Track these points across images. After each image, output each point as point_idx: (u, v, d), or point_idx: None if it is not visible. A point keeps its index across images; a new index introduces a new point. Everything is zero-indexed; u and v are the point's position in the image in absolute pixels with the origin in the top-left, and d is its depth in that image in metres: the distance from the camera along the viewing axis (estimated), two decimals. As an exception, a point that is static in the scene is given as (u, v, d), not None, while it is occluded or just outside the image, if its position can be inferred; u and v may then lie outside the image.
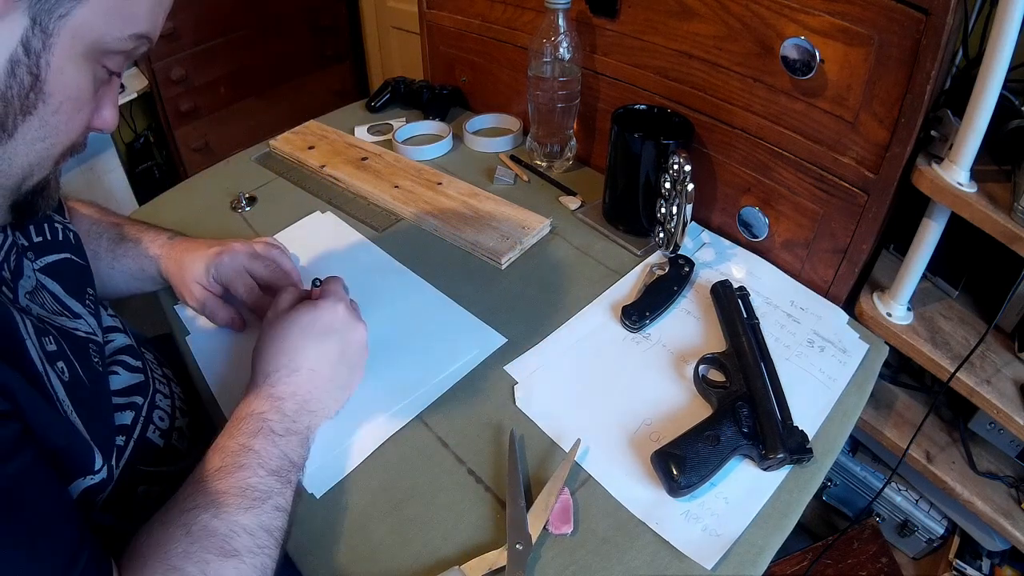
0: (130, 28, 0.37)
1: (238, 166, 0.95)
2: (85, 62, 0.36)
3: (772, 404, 0.54)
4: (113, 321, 0.56)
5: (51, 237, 0.51)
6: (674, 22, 0.71)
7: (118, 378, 0.51)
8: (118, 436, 0.48)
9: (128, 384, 0.52)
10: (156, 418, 0.53)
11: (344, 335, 0.53)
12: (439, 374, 0.60)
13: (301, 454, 0.48)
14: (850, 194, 0.63)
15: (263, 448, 0.45)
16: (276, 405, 0.48)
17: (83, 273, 0.53)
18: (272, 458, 0.45)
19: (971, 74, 0.53)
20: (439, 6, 1.01)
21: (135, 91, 1.71)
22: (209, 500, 0.41)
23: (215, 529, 0.40)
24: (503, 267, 0.73)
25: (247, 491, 0.42)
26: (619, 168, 0.75)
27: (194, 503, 0.41)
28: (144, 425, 0.51)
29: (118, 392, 0.50)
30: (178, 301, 0.68)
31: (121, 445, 0.48)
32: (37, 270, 0.47)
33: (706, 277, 0.71)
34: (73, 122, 0.38)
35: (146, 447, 0.51)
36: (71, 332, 0.46)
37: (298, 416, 0.49)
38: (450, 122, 1.01)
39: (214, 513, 0.40)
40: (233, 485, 0.42)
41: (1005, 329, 0.69)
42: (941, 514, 0.85)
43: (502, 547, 0.46)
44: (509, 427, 0.55)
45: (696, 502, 0.50)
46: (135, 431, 0.50)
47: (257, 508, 0.42)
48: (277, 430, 0.47)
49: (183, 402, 0.59)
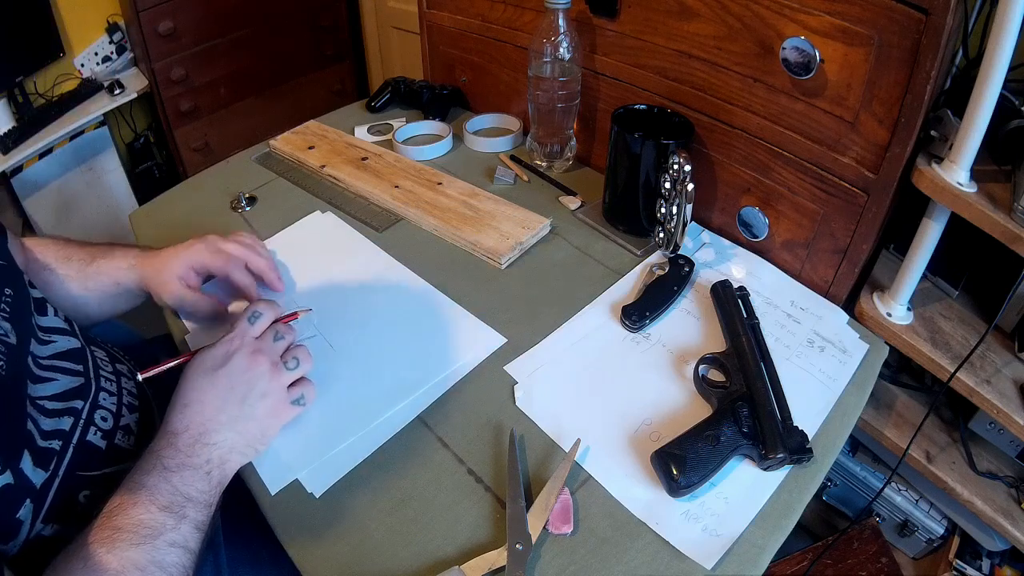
0: None
1: (238, 166, 0.95)
2: None
3: (772, 404, 0.54)
4: (58, 322, 0.55)
5: None
6: (674, 22, 0.71)
7: (55, 384, 0.50)
8: (53, 440, 0.47)
9: (66, 388, 0.51)
10: (98, 419, 0.52)
11: (233, 367, 0.51)
12: (439, 374, 0.60)
13: (200, 489, 0.47)
14: (850, 194, 0.63)
15: (154, 484, 0.45)
16: (170, 440, 0.48)
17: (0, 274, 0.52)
18: (163, 494, 0.45)
19: (971, 74, 0.53)
20: (439, 6, 1.01)
21: (135, 91, 1.71)
22: (105, 535, 0.41)
23: (107, 564, 0.40)
24: (503, 267, 0.73)
25: (139, 527, 0.42)
26: (619, 168, 0.75)
27: (94, 537, 0.41)
28: (84, 428, 0.51)
29: (53, 397, 0.50)
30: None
31: (58, 449, 0.47)
32: None
33: (706, 277, 0.71)
34: None
35: (86, 450, 0.50)
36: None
37: (192, 450, 0.48)
38: (450, 122, 1.01)
39: (108, 548, 0.41)
40: (127, 521, 0.42)
41: (1005, 329, 0.69)
42: (941, 514, 0.85)
43: (502, 547, 0.46)
44: (509, 427, 0.55)
45: (696, 502, 0.50)
46: (74, 436, 0.49)
47: (148, 544, 0.42)
48: (169, 466, 0.46)
49: (133, 397, 0.58)
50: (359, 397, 0.59)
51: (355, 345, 0.64)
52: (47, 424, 0.48)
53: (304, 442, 0.55)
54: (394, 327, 0.66)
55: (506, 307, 0.68)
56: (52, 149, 1.65)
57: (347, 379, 0.60)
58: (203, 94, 1.83)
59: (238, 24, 1.82)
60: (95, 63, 1.76)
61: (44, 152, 1.64)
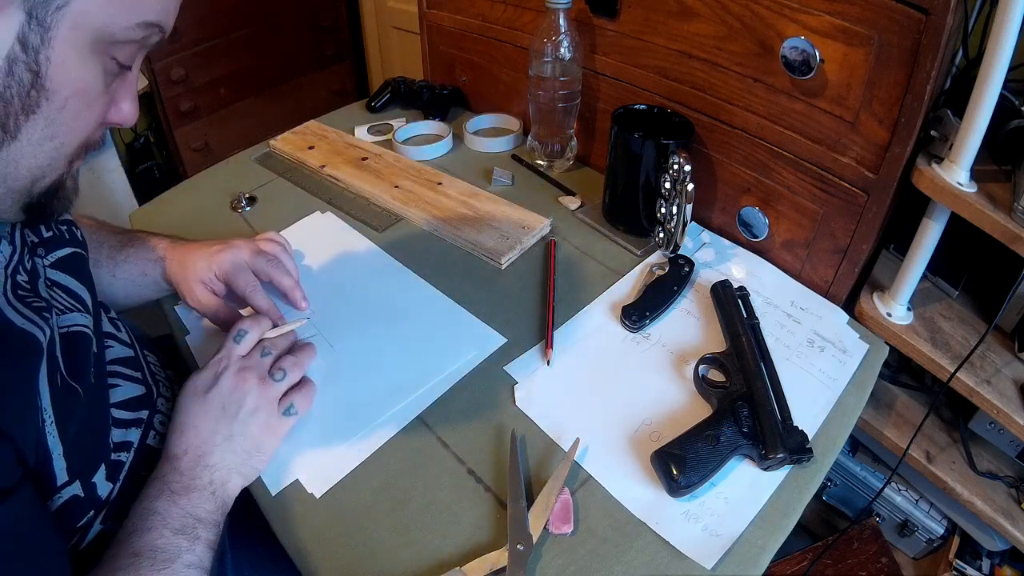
0: (137, 16, 0.35)
1: (238, 166, 0.95)
2: (91, 54, 0.34)
3: (772, 404, 0.54)
4: (111, 327, 0.56)
5: (58, 233, 0.51)
6: (674, 22, 0.71)
7: (120, 390, 0.51)
8: (122, 452, 0.48)
9: (131, 396, 0.51)
10: (157, 423, 0.53)
11: (221, 388, 0.51)
12: (439, 374, 0.60)
13: (208, 509, 0.47)
14: (850, 194, 0.63)
15: (165, 509, 0.45)
16: (173, 464, 0.48)
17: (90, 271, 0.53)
18: (174, 518, 0.45)
19: (971, 74, 0.53)
20: (439, 6, 1.01)
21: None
22: (127, 563, 0.42)
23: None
24: (503, 267, 0.73)
25: (156, 552, 0.42)
26: (619, 168, 0.75)
27: (116, 564, 0.41)
28: (145, 434, 0.51)
29: (121, 405, 0.50)
30: (179, 302, 0.68)
31: (126, 462, 0.48)
32: (47, 266, 0.47)
33: (706, 277, 0.71)
34: (83, 119, 0.36)
35: (146, 455, 0.51)
36: (76, 336, 0.45)
37: (194, 472, 0.48)
38: (450, 122, 1.01)
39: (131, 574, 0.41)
40: (143, 547, 0.42)
41: (1005, 329, 0.69)
42: (941, 514, 0.85)
43: (503, 547, 0.46)
44: (509, 427, 0.55)
45: (696, 502, 0.50)
46: (136, 443, 0.50)
47: (168, 568, 0.42)
48: (176, 489, 0.46)
49: None
50: (359, 397, 0.58)
51: (355, 345, 0.64)
52: (118, 435, 0.48)
53: (304, 442, 0.55)
54: (394, 327, 0.66)
55: (506, 307, 0.68)
56: (52, 149, 1.65)
57: (347, 379, 0.60)
58: (203, 94, 1.83)
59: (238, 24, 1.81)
60: (95, 63, 1.76)
61: (44, 152, 1.64)
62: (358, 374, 0.61)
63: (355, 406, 0.58)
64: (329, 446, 0.55)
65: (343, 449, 0.54)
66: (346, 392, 0.59)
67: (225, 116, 1.91)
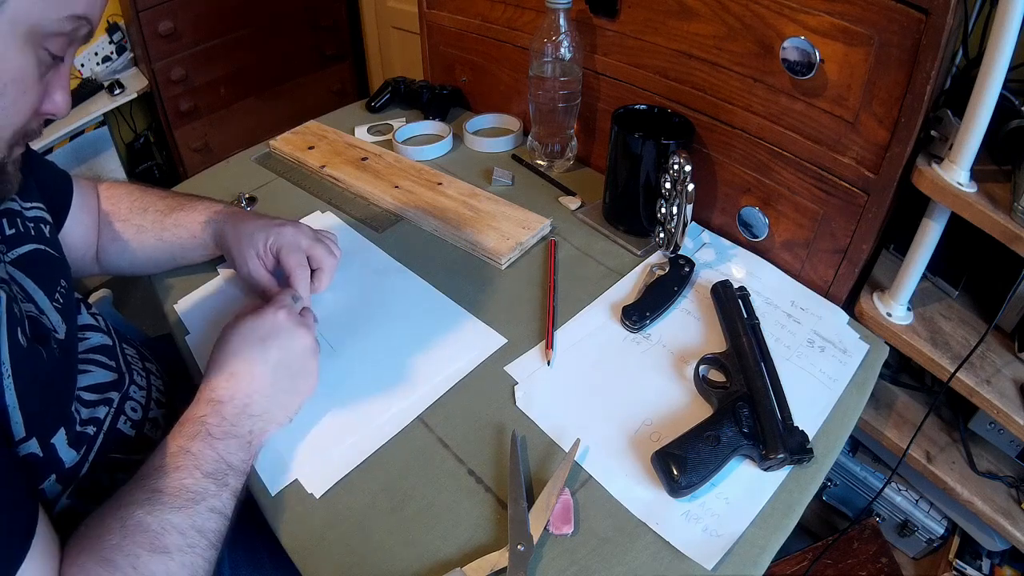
0: (66, 10, 0.38)
1: (238, 166, 0.95)
2: (26, 45, 0.37)
3: (772, 404, 0.54)
4: (91, 320, 0.57)
5: (23, 230, 0.51)
6: (674, 22, 0.71)
7: (91, 375, 0.51)
8: (88, 426, 0.48)
9: (102, 381, 0.52)
10: (128, 409, 0.54)
11: (284, 341, 0.53)
12: (439, 374, 0.60)
13: (242, 458, 0.48)
14: (850, 194, 0.63)
15: (200, 451, 0.46)
16: (216, 409, 0.48)
17: (56, 265, 0.53)
18: (208, 461, 0.45)
19: (971, 74, 0.53)
20: (439, 6, 1.01)
21: (135, 91, 1.70)
22: (145, 498, 0.42)
23: (147, 525, 0.41)
24: (503, 267, 0.73)
25: (181, 491, 0.43)
26: (619, 168, 0.75)
27: (131, 499, 0.42)
28: (115, 416, 0.52)
29: (90, 388, 0.51)
30: (177, 301, 0.68)
31: (91, 434, 0.49)
32: (8, 263, 0.47)
33: (706, 277, 0.71)
34: (19, 105, 0.38)
35: (116, 438, 0.51)
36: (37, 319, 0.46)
37: (238, 420, 0.49)
38: (450, 122, 1.01)
39: (148, 510, 0.41)
40: (168, 485, 0.43)
41: (1005, 329, 0.69)
42: (941, 514, 0.85)
43: (503, 548, 0.46)
44: (509, 427, 0.55)
45: (696, 502, 0.50)
46: (105, 423, 0.51)
47: (190, 508, 0.43)
48: (215, 433, 0.47)
49: (161, 394, 0.60)
50: (359, 397, 0.58)
51: (355, 345, 0.64)
52: (85, 413, 0.49)
53: (304, 442, 0.55)
54: (394, 327, 0.66)
55: (506, 307, 0.68)
56: (52, 149, 1.65)
57: (347, 379, 0.60)
58: (203, 94, 1.83)
59: (238, 24, 1.81)
60: (95, 63, 1.76)
61: (44, 152, 1.63)
62: (358, 374, 0.61)
63: (355, 406, 0.58)
64: (329, 446, 0.54)
65: (343, 449, 0.54)
66: (346, 392, 0.59)
67: (225, 116, 1.91)
